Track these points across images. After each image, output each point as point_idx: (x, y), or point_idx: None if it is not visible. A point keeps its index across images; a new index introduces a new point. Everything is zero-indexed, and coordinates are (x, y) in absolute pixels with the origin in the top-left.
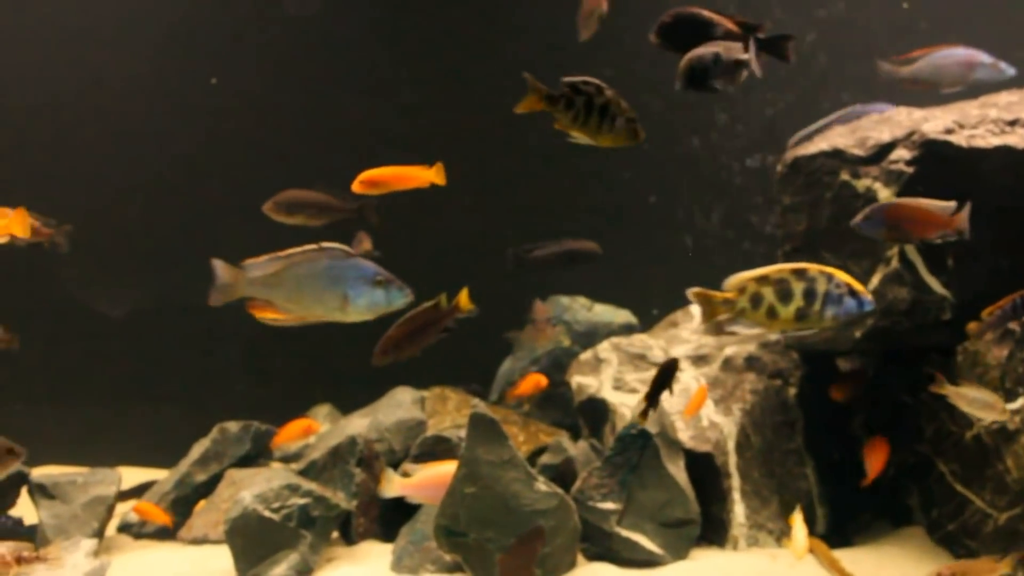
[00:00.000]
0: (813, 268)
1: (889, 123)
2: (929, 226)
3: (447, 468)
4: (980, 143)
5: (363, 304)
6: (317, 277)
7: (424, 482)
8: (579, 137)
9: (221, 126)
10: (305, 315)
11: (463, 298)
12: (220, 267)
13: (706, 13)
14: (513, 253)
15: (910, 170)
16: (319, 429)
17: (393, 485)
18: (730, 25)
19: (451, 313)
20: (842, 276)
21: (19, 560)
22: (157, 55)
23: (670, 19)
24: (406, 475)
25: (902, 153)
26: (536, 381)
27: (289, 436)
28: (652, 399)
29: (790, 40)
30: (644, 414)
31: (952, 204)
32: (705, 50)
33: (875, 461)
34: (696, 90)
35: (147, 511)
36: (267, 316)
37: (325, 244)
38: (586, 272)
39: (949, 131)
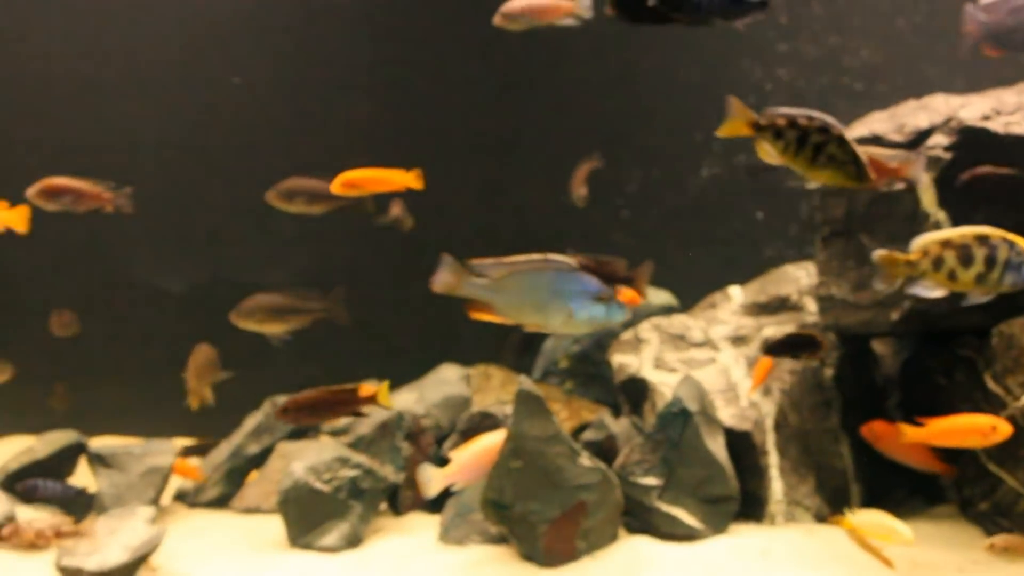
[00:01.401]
0: (996, 235)
1: (927, 109)
2: (878, 174)
3: (481, 447)
4: (1017, 130)
5: (584, 319)
6: (541, 288)
7: (463, 467)
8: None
9: (275, 115)
10: (523, 323)
11: (382, 393)
12: (447, 263)
13: None
14: (745, 166)
15: (948, 156)
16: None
17: (435, 483)
18: None
19: (366, 402)
20: (1023, 244)
21: (58, 534)
22: (218, 47)
23: None
24: (445, 462)
25: (940, 139)
26: (632, 297)
27: None
28: (779, 350)
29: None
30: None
31: (906, 153)
32: None
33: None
34: (630, 21)
35: (182, 468)
36: (483, 318)
37: (551, 255)
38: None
39: (986, 118)
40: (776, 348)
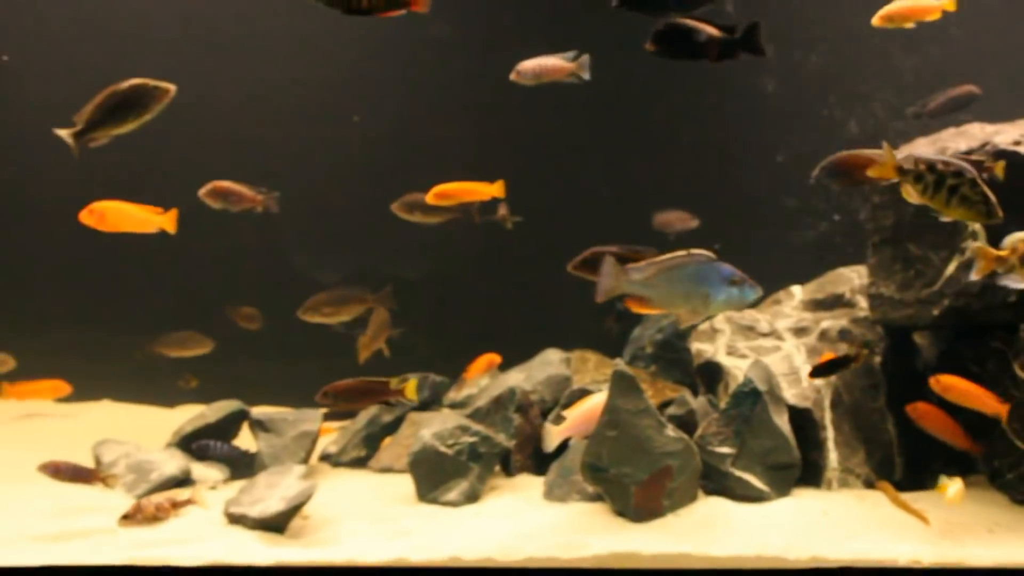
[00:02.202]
0: None
1: (965, 135)
2: (867, 170)
3: (587, 407)
4: None
5: (721, 300)
6: (685, 279)
7: (575, 422)
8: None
9: (401, 137)
10: (673, 311)
11: (410, 388)
12: (609, 266)
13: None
14: (914, 112)
15: (983, 176)
16: (499, 361)
17: (553, 437)
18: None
19: (394, 394)
20: None
21: (174, 504)
22: (353, 67)
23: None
24: (559, 420)
25: None
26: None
27: (478, 369)
28: (820, 372)
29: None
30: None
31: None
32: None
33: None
34: (668, 56)
35: (326, 431)
36: (640, 310)
37: (693, 251)
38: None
39: (1017, 143)
40: (818, 372)
